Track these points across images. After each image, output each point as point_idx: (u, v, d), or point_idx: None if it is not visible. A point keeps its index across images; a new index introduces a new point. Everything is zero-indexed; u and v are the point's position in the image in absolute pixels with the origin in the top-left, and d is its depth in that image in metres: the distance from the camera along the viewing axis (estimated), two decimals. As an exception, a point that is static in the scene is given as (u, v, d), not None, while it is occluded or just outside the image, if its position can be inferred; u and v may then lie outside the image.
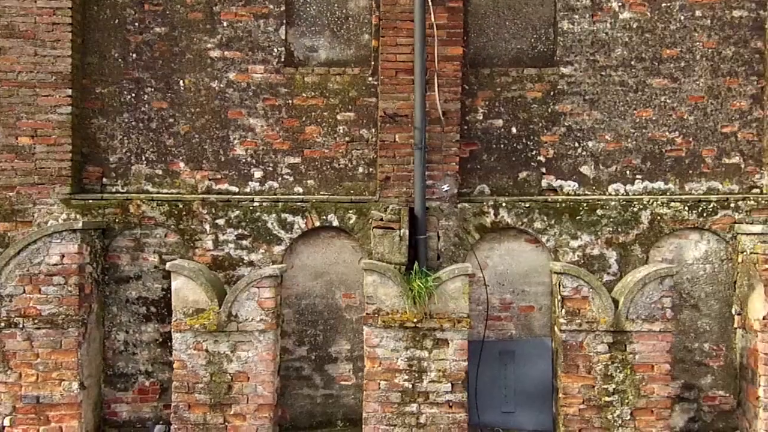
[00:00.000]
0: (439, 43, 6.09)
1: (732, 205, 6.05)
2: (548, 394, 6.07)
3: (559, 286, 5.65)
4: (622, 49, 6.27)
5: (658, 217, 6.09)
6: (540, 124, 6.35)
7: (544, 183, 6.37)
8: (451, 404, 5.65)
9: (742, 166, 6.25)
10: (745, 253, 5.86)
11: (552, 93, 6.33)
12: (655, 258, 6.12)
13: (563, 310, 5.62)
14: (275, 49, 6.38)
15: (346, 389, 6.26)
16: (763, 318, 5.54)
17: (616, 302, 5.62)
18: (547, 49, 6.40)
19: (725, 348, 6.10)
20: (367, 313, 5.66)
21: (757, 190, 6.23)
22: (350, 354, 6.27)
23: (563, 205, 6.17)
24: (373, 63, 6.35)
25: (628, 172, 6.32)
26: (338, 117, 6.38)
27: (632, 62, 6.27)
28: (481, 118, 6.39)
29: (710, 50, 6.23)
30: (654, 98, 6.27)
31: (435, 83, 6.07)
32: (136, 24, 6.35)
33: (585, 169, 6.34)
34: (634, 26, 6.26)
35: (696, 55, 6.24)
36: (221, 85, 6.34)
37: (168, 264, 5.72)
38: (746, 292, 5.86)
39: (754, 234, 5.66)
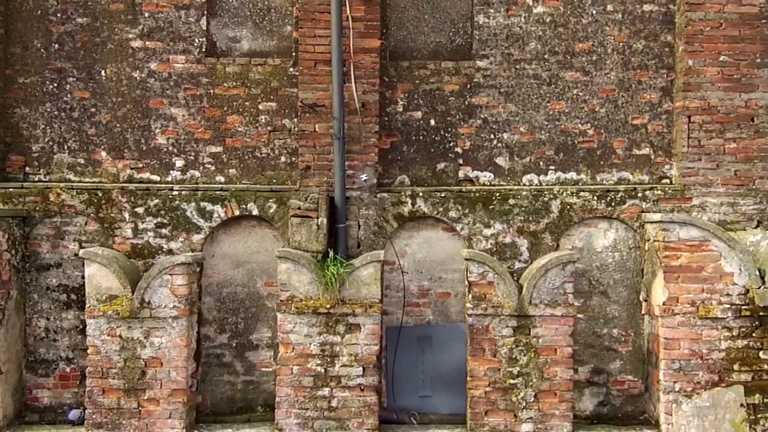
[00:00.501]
0: (356, 35, 6.21)
1: (639, 194, 6.23)
2: (464, 378, 6.19)
3: (467, 272, 5.80)
4: (535, 43, 6.43)
5: (568, 207, 6.26)
6: (457, 116, 6.50)
7: (461, 174, 6.51)
8: (362, 388, 5.78)
9: (652, 157, 6.43)
10: (650, 241, 6.05)
11: (468, 86, 6.47)
12: (565, 246, 6.29)
13: (470, 295, 5.77)
14: (196, 40, 6.47)
15: (267, 375, 6.37)
16: (663, 303, 5.72)
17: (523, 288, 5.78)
18: (465, 43, 6.54)
19: (633, 333, 6.28)
20: (280, 300, 5.78)
21: (667, 180, 6.41)
22: (271, 341, 6.37)
23: (477, 194, 6.31)
24: (294, 54, 6.45)
25: (541, 163, 6.48)
26: (260, 107, 6.48)
27: (546, 56, 6.43)
28: (401, 110, 6.52)
29: (621, 44, 6.40)
30: (567, 91, 6.44)
31: (352, 74, 6.19)
32: (59, 14, 6.41)
33: (500, 161, 6.49)
34: (548, 20, 6.42)
35: (608, 49, 6.41)
36: (143, 75, 6.42)
37: (81, 251, 5.80)
38: (650, 279, 6.05)
39: (656, 222, 5.84)
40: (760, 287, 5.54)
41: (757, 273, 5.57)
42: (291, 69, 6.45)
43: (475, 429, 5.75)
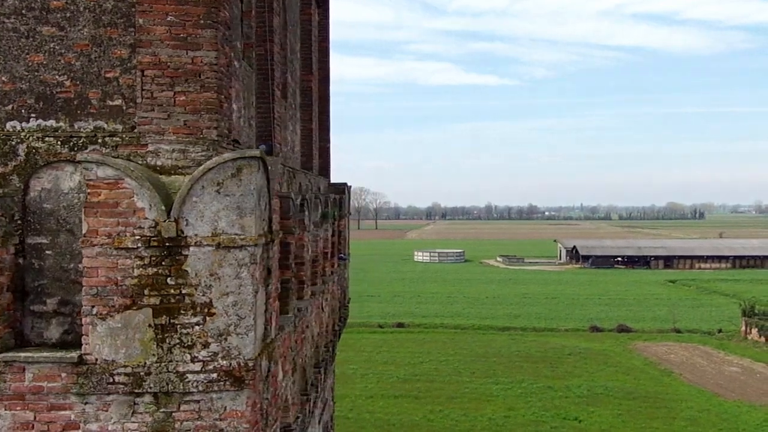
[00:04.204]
0: None
1: (100, 140, 6.83)
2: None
3: None
4: (13, -1, 6.86)
5: (34, 150, 6.76)
6: (-62, 64, 6.81)
7: (-56, 119, 6.84)
8: None
9: (124, 107, 7.03)
10: (101, 183, 6.65)
11: (-51, 35, 6.81)
12: (35, 187, 6.79)
13: None
14: None
15: None
16: (84, 236, 6.33)
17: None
18: (-54, -6, 6.85)
19: (98, 268, 6.88)
20: None
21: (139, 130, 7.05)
22: None
23: (-53, 137, 6.68)
24: None
25: (23, 110, 6.92)
26: None
27: (23, 11, 6.87)
28: None
29: (93, 3, 6.93)
30: (44, 44, 6.91)
31: None
32: None
33: (-19, 107, 6.89)
34: (20, -23, 6.86)
35: (80, 7, 6.92)
36: None
37: None
38: (101, 217, 6.66)
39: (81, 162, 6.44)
40: (165, 221, 6.28)
41: (164, 208, 6.30)
42: None
43: None
